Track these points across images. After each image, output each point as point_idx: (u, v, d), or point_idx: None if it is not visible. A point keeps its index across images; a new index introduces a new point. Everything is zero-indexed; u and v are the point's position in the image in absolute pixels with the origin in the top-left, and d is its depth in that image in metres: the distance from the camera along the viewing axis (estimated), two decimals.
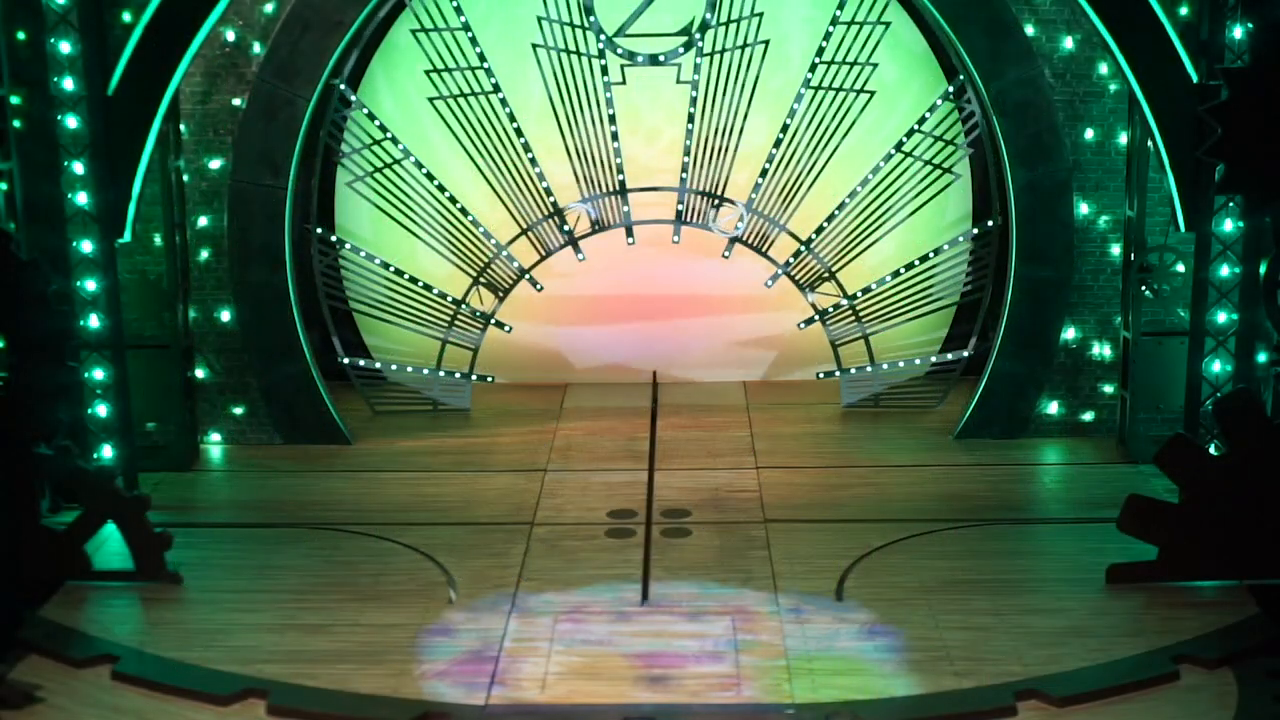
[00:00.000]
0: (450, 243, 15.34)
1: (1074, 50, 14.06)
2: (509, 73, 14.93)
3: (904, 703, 9.76)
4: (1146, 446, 13.45)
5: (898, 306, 15.44)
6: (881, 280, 15.35)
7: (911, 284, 15.37)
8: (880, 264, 15.38)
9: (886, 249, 15.36)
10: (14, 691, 9.92)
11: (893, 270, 15.32)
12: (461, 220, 15.23)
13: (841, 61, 14.76)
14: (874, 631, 10.54)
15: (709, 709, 9.70)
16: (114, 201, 12.79)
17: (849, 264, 15.36)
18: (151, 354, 14.03)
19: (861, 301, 15.40)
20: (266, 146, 14.07)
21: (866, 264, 15.39)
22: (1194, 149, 12.44)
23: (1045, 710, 9.70)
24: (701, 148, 15.11)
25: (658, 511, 12.91)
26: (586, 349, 16.18)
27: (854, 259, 15.35)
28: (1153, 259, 14.05)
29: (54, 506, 12.36)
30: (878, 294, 15.39)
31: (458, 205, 15.18)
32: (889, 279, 15.34)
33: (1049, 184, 14.10)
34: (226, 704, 9.81)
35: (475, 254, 15.34)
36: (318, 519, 12.87)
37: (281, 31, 13.93)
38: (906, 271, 15.31)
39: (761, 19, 14.64)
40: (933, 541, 12.26)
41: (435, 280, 15.40)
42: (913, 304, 15.44)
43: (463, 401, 15.57)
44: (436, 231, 15.30)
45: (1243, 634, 10.55)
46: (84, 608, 11.22)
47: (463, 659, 10.27)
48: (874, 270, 15.39)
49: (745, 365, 16.24)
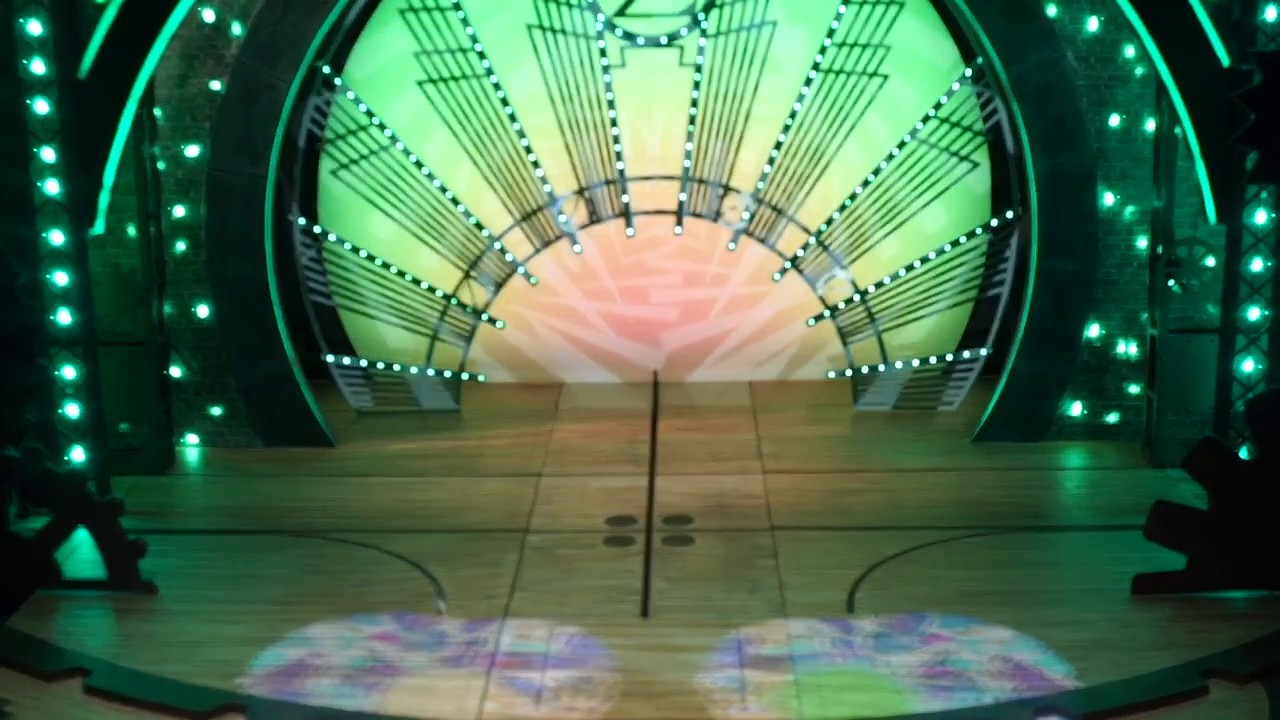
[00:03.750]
0: (440, 235, 15.39)
1: (1099, 32, 14.10)
2: (503, 55, 15.01)
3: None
4: (1174, 450, 13.49)
5: (913, 302, 15.52)
6: (895, 274, 15.41)
7: (927, 279, 15.45)
8: (894, 257, 15.45)
9: (901, 241, 15.42)
10: None
11: (907, 264, 15.39)
12: (452, 211, 15.30)
13: (853, 44, 14.85)
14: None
15: None
16: (85, 190, 12.80)
17: (861, 257, 15.42)
18: (125, 351, 14.07)
19: (874, 297, 15.47)
20: (246, 133, 14.10)
21: (880, 257, 15.47)
22: (1225, 136, 12.48)
23: None
24: (705, 134, 15.17)
25: (659, 518, 12.95)
26: (583, 346, 16.24)
27: (866, 252, 15.43)
28: (1181, 252, 14.08)
29: (22, 512, 12.37)
30: (891, 289, 15.46)
31: (448, 195, 15.24)
32: (903, 273, 15.41)
33: (1072, 173, 14.14)
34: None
35: (466, 246, 15.40)
36: (300, 526, 12.89)
37: (263, 11, 13.96)
38: (922, 265, 15.39)
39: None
40: (949, 550, 12.29)
41: (424, 274, 15.46)
42: (928, 300, 15.52)
43: (452, 402, 15.61)
44: (425, 223, 15.37)
45: (1275, 647, 10.56)
46: (54, 618, 11.23)
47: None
48: (888, 264, 15.46)
49: (751, 364, 16.29)
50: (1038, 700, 9.94)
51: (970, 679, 10.22)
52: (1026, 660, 10.46)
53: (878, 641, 10.76)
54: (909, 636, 10.81)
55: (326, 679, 10.27)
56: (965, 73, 14.86)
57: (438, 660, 10.53)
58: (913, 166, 15.18)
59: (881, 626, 10.96)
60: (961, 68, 14.94)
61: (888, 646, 10.68)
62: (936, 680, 10.22)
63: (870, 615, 11.10)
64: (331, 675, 10.32)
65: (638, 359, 16.25)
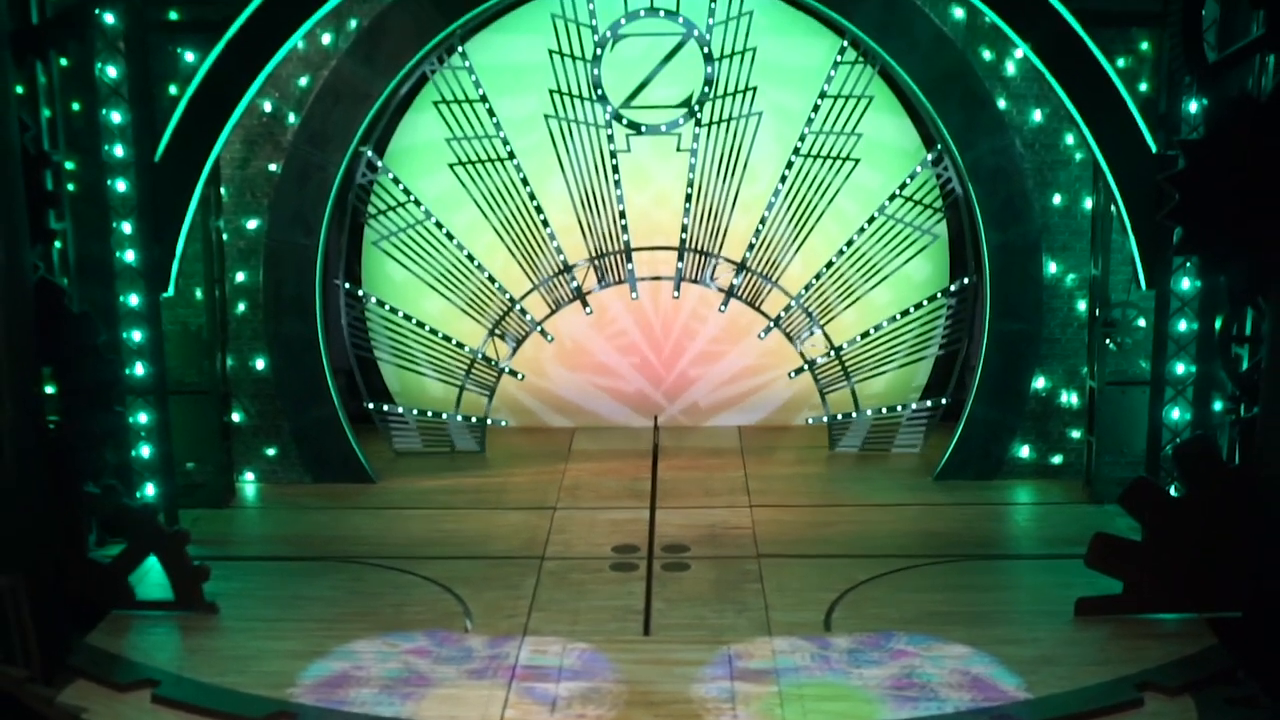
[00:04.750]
0: (467, 297, 15.40)
1: (1043, 122, 14.15)
2: (524, 141, 15.03)
3: None
4: (1111, 488, 13.46)
5: (881, 357, 15.49)
6: (866, 333, 15.41)
7: (894, 337, 15.43)
8: (865, 318, 15.44)
9: (870, 304, 15.42)
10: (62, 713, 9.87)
11: (876, 324, 15.38)
12: (478, 276, 15.31)
13: (829, 132, 14.89)
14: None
15: None
16: (159, 259, 12.87)
17: (836, 317, 15.43)
18: (191, 399, 14.07)
19: (847, 352, 15.45)
20: (300, 208, 14.17)
21: (852, 318, 15.45)
22: (1153, 214, 12.49)
23: None
24: (700, 210, 15.21)
25: (659, 547, 12.90)
26: (593, 395, 16.20)
27: (841, 313, 15.42)
28: (1116, 314, 14.09)
29: (100, 540, 12.34)
30: (862, 345, 15.44)
31: (475, 262, 15.25)
32: (873, 331, 15.41)
33: (1020, 245, 14.17)
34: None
35: (491, 307, 15.41)
36: (344, 553, 12.86)
37: (315, 103, 14.06)
38: (889, 325, 15.36)
39: (755, 92, 14.78)
40: (913, 576, 12.25)
41: (454, 331, 15.45)
42: (895, 355, 15.49)
43: (478, 444, 15.59)
44: (455, 286, 15.37)
45: (1202, 663, 10.54)
46: (127, 635, 11.23)
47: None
48: (859, 323, 15.44)
49: (740, 411, 16.24)
50: (992, 709, 9.91)
51: (933, 690, 10.19)
52: (982, 673, 10.42)
53: (851, 656, 10.73)
54: (879, 652, 10.78)
55: (367, 689, 10.25)
56: (926, 157, 14.90)
57: (465, 672, 10.51)
58: (881, 238, 15.20)
59: (855, 643, 10.92)
60: (923, 153, 14.98)
61: (860, 661, 10.66)
62: (903, 691, 10.19)
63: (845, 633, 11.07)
64: (371, 685, 10.30)
65: (641, 406, 16.21)
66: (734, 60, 14.69)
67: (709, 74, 14.71)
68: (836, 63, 14.66)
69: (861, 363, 15.49)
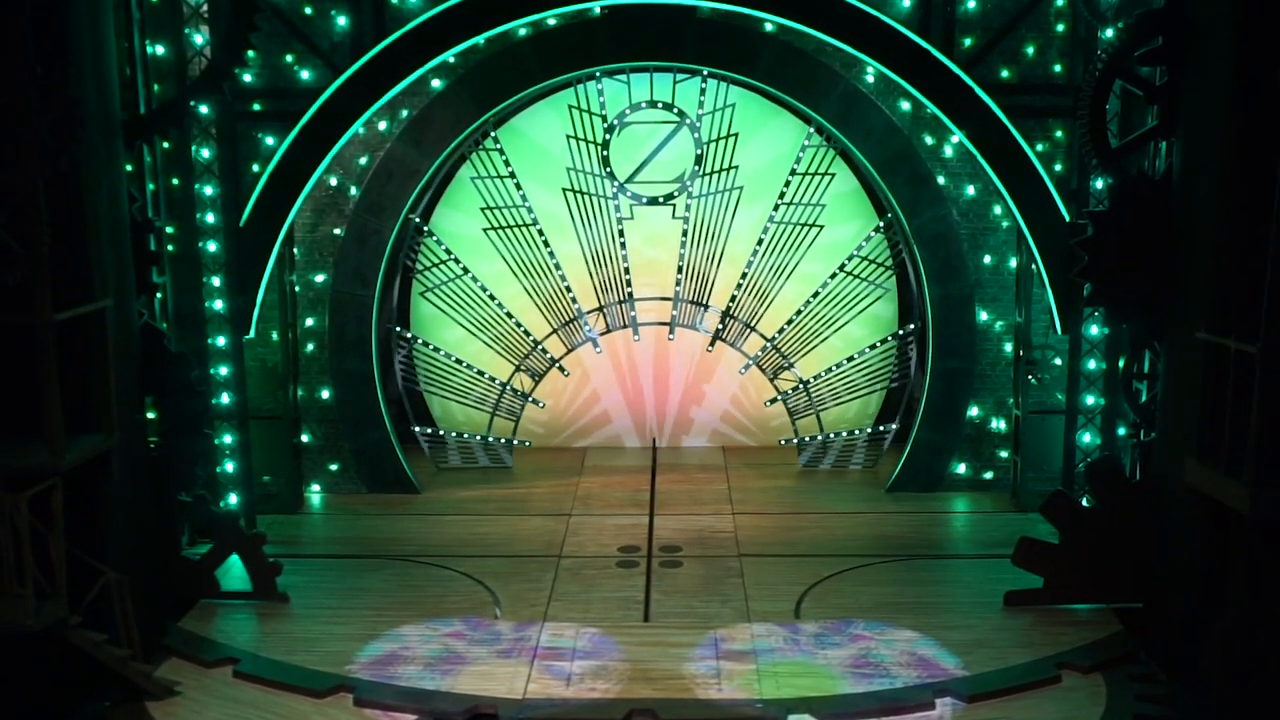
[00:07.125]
0: (498, 338, 15.44)
1: (975, 196, 14.21)
2: (544, 209, 15.09)
3: (848, 699, 9.75)
4: (1034, 499, 13.38)
5: (843, 388, 15.50)
6: (829, 369, 15.44)
7: (853, 371, 15.45)
8: (828, 356, 15.45)
9: (833, 345, 15.45)
10: (158, 686, 9.93)
11: (838, 361, 15.41)
12: (506, 322, 15.34)
13: (798, 202, 14.96)
14: None
15: (697, 703, 9.69)
16: (242, 307, 12.90)
17: (804, 356, 15.45)
18: (268, 423, 14.05)
19: (814, 385, 15.48)
20: (359, 265, 14.21)
21: (818, 356, 15.46)
22: (1067, 272, 12.52)
23: (957, 706, 9.69)
24: (691, 267, 15.26)
25: (657, 547, 12.89)
26: (602, 420, 16.21)
27: (808, 352, 15.44)
28: (1037, 354, 14.11)
29: (191, 541, 12.35)
30: (827, 379, 15.47)
31: (503, 310, 15.30)
32: (835, 368, 15.44)
33: (957, 297, 14.20)
34: (323, 697, 9.85)
35: (517, 347, 15.45)
36: (394, 552, 12.83)
37: (373, 178, 14.14)
38: (849, 362, 15.39)
39: (737, 170, 14.87)
40: (869, 572, 12.23)
41: (486, 367, 15.48)
42: (854, 387, 15.51)
43: (506, 461, 15.60)
44: (487, 329, 15.40)
45: (1111, 647, 10.55)
46: (213, 620, 11.24)
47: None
48: (823, 361, 15.46)
49: (725, 434, 16.22)
50: (935, 684, 9.91)
51: (885, 668, 10.18)
52: (926, 654, 10.42)
53: (817, 639, 10.73)
54: (840, 636, 10.78)
55: (412, 666, 10.26)
56: (879, 224, 14.98)
57: (495, 652, 10.51)
58: (841, 291, 15.25)
59: (820, 629, 10.92)
60: (876, 220, 15.06)
61: (825, 643, 10.65)
62: (861, 669, 10.19)
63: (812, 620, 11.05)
64: (416, 663, 10.30)
65: (642, 430, 16.21)
66: (720, 143, 14.79)
67: (699, 154, 14.81)
68: (804, 146, 14.77)
69: (825, 394, 15.51)
